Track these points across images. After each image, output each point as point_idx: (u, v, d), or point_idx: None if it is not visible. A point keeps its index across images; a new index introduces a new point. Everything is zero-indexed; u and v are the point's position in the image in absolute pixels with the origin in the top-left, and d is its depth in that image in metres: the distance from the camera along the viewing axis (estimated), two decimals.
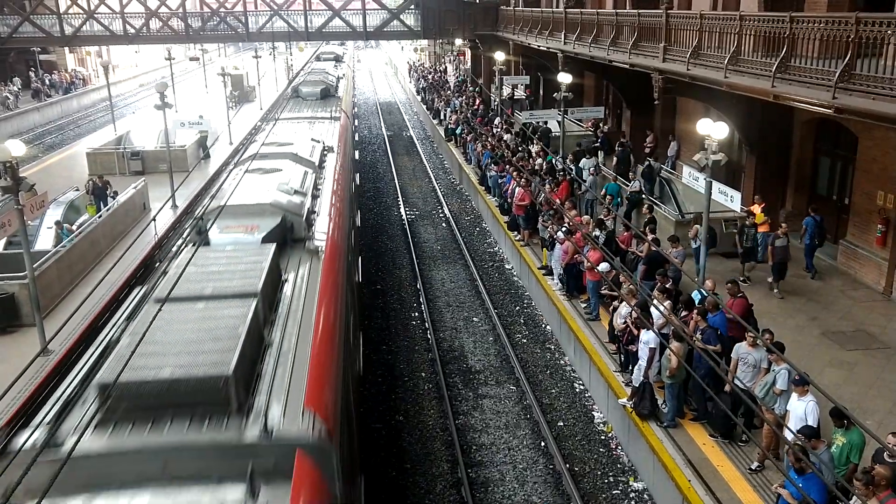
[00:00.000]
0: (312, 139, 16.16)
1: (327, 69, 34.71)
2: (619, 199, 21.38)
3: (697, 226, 16.44)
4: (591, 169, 23.29)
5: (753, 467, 10.60)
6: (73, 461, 4.45)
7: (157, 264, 9.24)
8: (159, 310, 6.04)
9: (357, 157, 30.04)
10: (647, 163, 23.40)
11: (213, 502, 4.78)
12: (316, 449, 5.36)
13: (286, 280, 8.40)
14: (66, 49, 57.04)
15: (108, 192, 23.30)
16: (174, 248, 9.28)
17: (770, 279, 16.34)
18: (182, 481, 4.95)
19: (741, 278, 16.42)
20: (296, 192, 11.24)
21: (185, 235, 9.48)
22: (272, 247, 8.46)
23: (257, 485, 4.92)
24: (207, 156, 31.95)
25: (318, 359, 6.63)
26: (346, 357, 8.14)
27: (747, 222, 16.84)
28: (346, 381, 7.86)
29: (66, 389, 5.95)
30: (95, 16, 38.15)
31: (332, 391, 6.48)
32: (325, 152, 15.72)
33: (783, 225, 16.62)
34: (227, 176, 13.42)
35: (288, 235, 9.72)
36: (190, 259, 7.28)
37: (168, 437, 5.25)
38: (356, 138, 32.84)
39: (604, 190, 21.75)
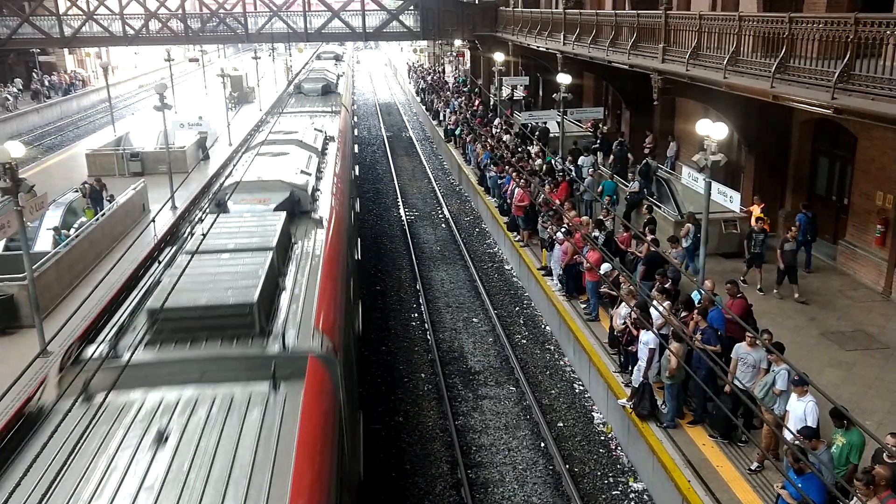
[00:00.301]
0: (315, 129, 17.48)
1: (328, 67, 36.66)
2: (615, 197, 21.48)
3: (689, 225, 16.63)
4: (590, 168, 23.37)
5: (753, 468, 10.61)
6: (130, 369, 5.54)
7: (183, 230, 10.74)
8: (191, 259, 7.42)
9: (356, 150, 31.58)
10: (644, 161, 23.46)
11: (243, 394, 5.96)
12: (324, 357, 6.66)
13: (295, 242, 9.78)
14: (66, 50, 57.03)
15: (104, 196, 22.96)
16: (195, 218, 10.72)
17: (778, 284, 16.11)
18: (218, 382, 6.11)
19: (741, 278, 16.30)
20: (301, 171, 12.63)
21: (205, 207, 11.02)
22: (283, 214, 9.84)
23: (279, 382, 6.07)
24: (207, 157, 31.95)
25: (325, 294, 8.02)
26: (347, 305, 9.36)
27: (755, 228, 16.52)
28: (348, 321, 9.13)
29: (121, 315, 7.39)
30: (95, 17, 38.17)
31: (336, 319, 7.85)
32: (327, 141, 17.16)
33: (792, 229, 16.35)
34: (240, 158, 14.93)
35: (296, 207, 11.05)
36: (213, 223, 8.58)
37: (205, 350, 6.50)
38: (355, 133, 34.69)
39: (601, 188, 21.87)
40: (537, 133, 29.61)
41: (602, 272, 14.55)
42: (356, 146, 30.75)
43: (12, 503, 4.49)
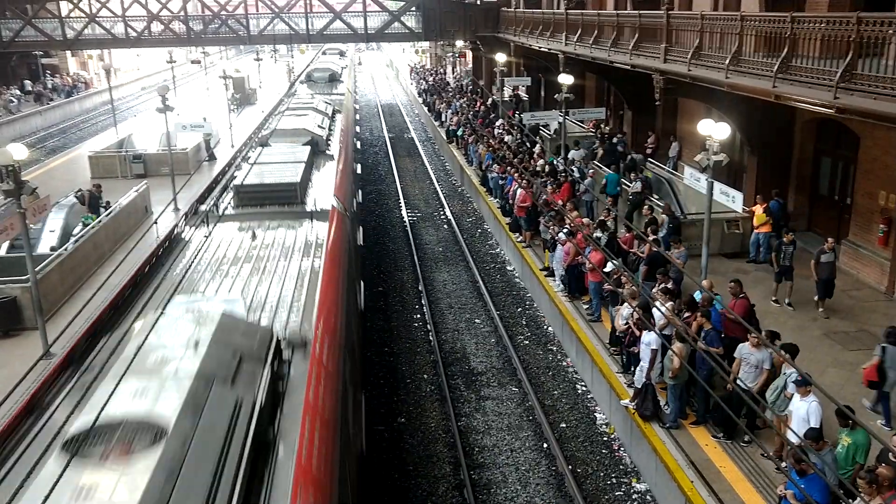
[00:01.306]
0: (326, 102, 23.95)
1: (333, 61, 43.14)
2: (617, 190, 21.76)
3: (664, 216, 17.53)
4: (580, 162, 24.18)
5: (778, 467, 10.21)
6: (222, 219, 11.15)
7: (239, 155, 19.15)
8: (251, 167, 13.39)
9: (357, 117, 39.12)
10: (629, 157, 24.18)
11: (298, 224, 11.02)
12: (339, 207, 12.09)
13: (317, 160, 15.60)
14: (68, 53, 57.17)
15: (100, 202, 22.31)
16: (247, 150, 18.02)
17: (820, 301, 15.14)
18: (282, 222, 11.20)
19: (773, 298, 15.73)
20: (318, 126, 18.82)
21: (253, 143, 18.14)
22: (308, 147, 15.28)
23: (313, 217, 11.30)
24: (213, 157, 32.04)
25: (340, 179, 14.32)
26: (352, 189, 15.44)
27: (784, 239, 15.52)
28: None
29: (220, 188, 13.57)
30: (97, 19, 38.24)
31: (346, 194, 13.99)
32: (335, 111, 23.34)
33: (829, 239, 15.20)
34: (272, 118, 22.44)
35: (315, 147, 16.08)
36: (260, 152, 14.95)
37: (271, 209, 11.71)
38: (357, 116, 40.60)
39: (604, 181, 22.18)
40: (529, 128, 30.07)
41: (607, 271, 14.54)
42: (357, 127, 35.54)
43: None
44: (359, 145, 29.62)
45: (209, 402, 4.97)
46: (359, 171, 24.85)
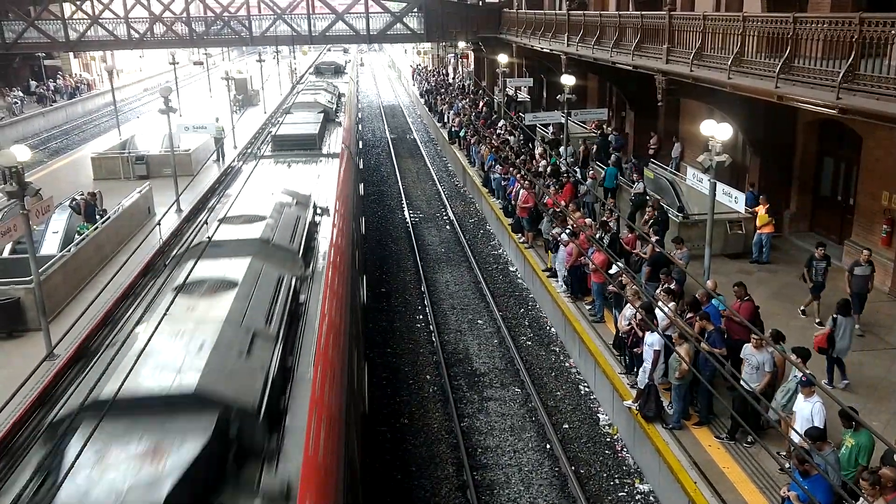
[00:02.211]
0: (334, 85, 29.22)
1: (337, 57, 49.38)
2: (614, 183, 22.55)
3: (654, 211, 18.06)
4: (570, 158, 25.22)
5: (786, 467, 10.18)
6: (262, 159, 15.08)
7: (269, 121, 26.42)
8: (279, 127, 17.53)
9: (359, 98, 47.53)
10: (613, 155, 25.10)
11: (317, 159, 15.40)
12: (347, 148, 16.81)
13: (330, 123, 19.75)
14: (71, 54, 57.24)
15: (96, 210, 21.96)
16: (276, 115, 24.20)
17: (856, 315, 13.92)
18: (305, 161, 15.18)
19: (801, 308, 15.16)
20: (328, 101, 23.40)
21: (278, 112, 24.26)
22: (322, 115, 19.24)
23: (330, 159, 15.28)
24: (222, 155, 32.32)
25: (343, 136, 18.04)
26: (355, 141, 19.05)
27: (816, 255, 14.76)
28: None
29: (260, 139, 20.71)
30: (100, 21, 38.29)
31: (350, 139, 18.96)
32: (341, 92, 28.16)
33: (865, 251, 14.43)
34: (291, 94, 28.58)
35: (326, 117, 19.71)
36: (285, 118, 18.44)
37: (295, 154, 15.63)
38: (358, 101, 48.05)
39: (603, 173, 23.15)
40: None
41: (611, 273, 14.55)
42: (358, 113, 40.89)
43: None
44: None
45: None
46: (360, 128, 30.79)
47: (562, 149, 25.90)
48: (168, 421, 4.68)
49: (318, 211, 11.01)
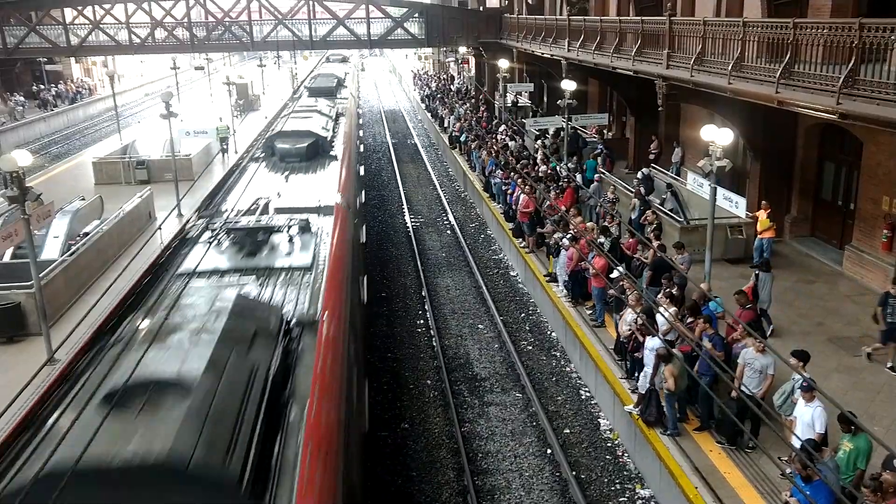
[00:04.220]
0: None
1: (336, 68, 48.82)
2: (594, 175, 23.91)
3: (635, 200, 19.01)
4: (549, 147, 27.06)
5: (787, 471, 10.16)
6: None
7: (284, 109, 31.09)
8: (291, 111, 21.75)
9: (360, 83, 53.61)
10: (601, 152, 26.38)
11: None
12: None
13: (338, 112, 22.37)
14: (72, 59, 57.31)
15: None
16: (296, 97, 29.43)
17: None
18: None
19: (867, 350, 13.43)
20: (339, 78, 31.73)
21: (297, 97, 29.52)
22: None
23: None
24: (225, 150, 33.60)
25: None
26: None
27: (892, 291, 12.60)
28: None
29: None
30: (101, 26, 38.37)
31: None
32: (346, 73, 35.98)
33: None
34: (314, 70, 44.23)
35: (336, 91, 25.64)
36: (292, 111, 21.19)
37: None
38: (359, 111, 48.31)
39: (584, 166, 24.91)
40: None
41: (612, 277, 14.55)
42: (359, 112, 42.54)
43: None
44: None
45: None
46: (360, 101, 34.95)
47: (539, 142, 27.43)
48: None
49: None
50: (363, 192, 23.15)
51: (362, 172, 25.52)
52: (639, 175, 23.70)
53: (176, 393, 5.00)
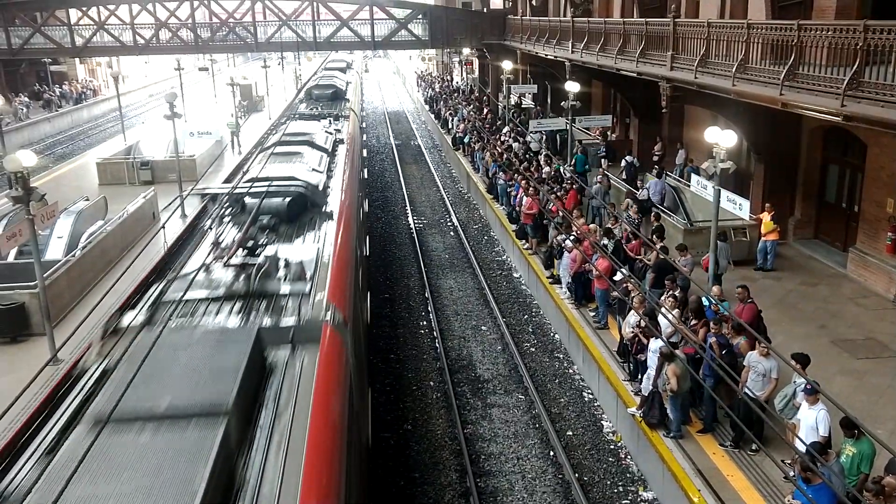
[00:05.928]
0: (348, 67, 37.47)
1: (336, 77, 51.21)
2: (584, 168, 25.23)
3: (628, 200, 19.20)
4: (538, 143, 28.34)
5: (790, 475, 10.13)
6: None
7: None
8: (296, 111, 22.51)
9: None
10: (598, 149, 26.95)
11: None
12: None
13: (345, 95, 26.66)
14: (77, 60, 57.47)
15: None
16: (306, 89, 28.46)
17: None
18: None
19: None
20: (339, 90, 26.47)
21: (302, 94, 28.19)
22: (341, 75, 31.72)
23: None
24: (239, 145, 35.17)
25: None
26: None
27: None
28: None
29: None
30: (106, 27, 38.46)
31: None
32: (348, 83, 31.20)
33: None
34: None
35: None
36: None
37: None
38: (361, 80, 53.31)
39: (573, 161, 25.35)
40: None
41: (616, 279, 14.53)
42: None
43: None
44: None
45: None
46: (363, 92, 36.89)
47: (530, 137, 28.06)
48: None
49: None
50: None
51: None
52: (622, 163, 24.88)
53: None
